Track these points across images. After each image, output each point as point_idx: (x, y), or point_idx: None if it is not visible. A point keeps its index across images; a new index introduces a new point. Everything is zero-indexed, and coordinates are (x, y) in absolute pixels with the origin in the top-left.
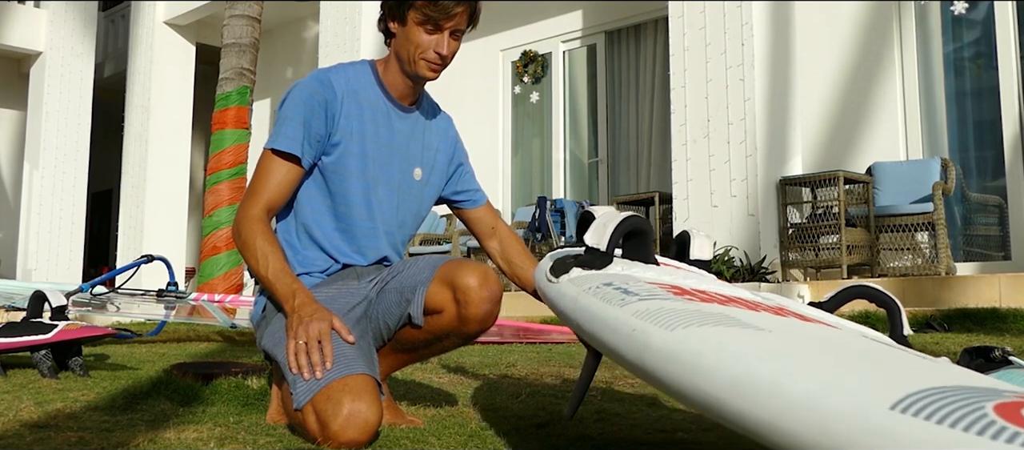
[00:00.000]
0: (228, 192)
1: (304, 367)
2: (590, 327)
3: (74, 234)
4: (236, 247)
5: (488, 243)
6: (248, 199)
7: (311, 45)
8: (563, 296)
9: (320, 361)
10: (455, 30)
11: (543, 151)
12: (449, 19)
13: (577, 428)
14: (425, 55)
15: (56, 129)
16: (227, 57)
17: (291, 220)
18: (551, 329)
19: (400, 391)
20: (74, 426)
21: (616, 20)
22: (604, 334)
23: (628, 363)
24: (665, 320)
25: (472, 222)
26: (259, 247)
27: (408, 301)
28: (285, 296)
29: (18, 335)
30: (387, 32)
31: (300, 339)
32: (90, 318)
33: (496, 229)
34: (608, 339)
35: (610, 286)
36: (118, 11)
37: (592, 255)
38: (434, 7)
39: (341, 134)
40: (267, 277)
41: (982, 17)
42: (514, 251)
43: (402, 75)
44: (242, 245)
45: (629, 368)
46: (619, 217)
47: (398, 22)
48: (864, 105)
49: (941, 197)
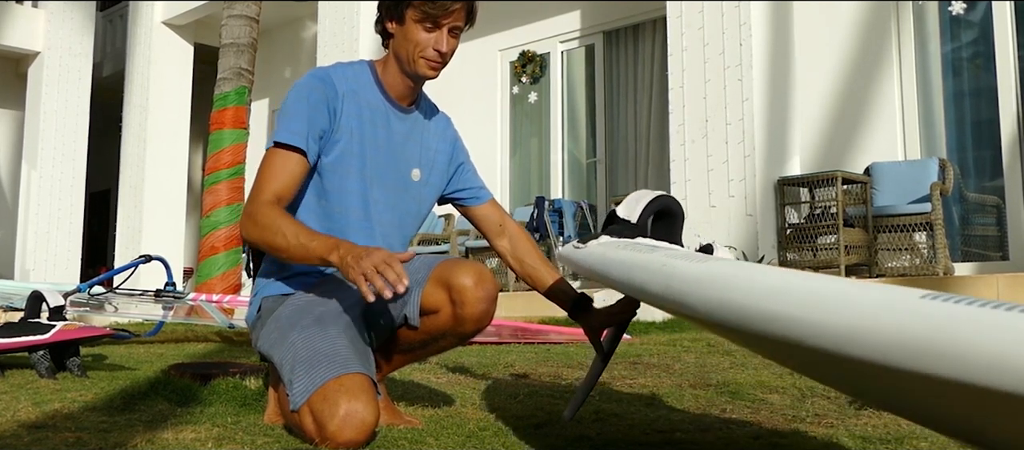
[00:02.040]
0: (226, 192)
1: (384, 289)
2: (617, 270)
3: (72, 234)
4: (251, 239)
5: (498, 242)
6: (255, 192)
7: (309, 45)
8: (591, 254)
9: (397, 278)
10: (453, 27)
11: (541, 151)
12: (447, 16)
13: (575, 428)
14: (425, 53)
15: (54, 129)
16: (225, 57)
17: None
18: (549, 329)
19: (398, 391)
20: (72, 426)
21: (614, 20)
22: (633, 273)
23: (654, 294)
24: (693, 258)
25: (479, 220)
26: (278, 223)
27: (404, 302)
28: (328, 250)
29: (16, 335)
30: (384, 33)
31: (366, 270)
32: (88, 318)
33: (505, 227)
34: (636, 276)
35: (638, 243)
36: (116, 11)
37: (622, 225)
38: (432, 4)
39: (341, 133)
40: (298, 245)
41: (980, 17)
42: (525, 250)
43: (401, 75)
44: (259, 229)
45: (655, 299)
46: (653, 194)
47: (396, 21)
48: (862, 105)
49: (939, 197)
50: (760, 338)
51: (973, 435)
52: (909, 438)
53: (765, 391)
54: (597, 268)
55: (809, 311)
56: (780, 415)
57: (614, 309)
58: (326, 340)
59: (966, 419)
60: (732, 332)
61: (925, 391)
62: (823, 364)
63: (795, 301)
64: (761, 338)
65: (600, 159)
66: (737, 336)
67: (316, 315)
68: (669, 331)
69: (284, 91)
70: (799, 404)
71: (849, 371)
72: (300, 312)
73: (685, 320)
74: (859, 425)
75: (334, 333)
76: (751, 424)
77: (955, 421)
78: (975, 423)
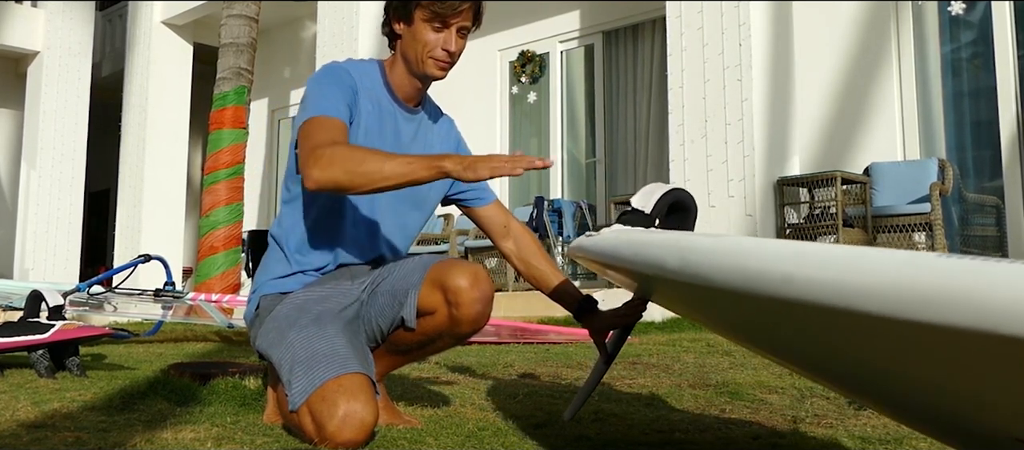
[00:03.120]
0: (225, 192)
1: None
2: (632, 250)
3: (71, 233)
4: (332, 178)
5: (503, 244)
6: (310, 147)
7: (309, 45)
8: (605, 240)
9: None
10: (462, 27)
11: (541, 151)
12: (456, 15)
13: (574, 428)
14: (433, 53)
15: (53, 129)
16: (225, 57)
17: (287, 218)
18: (548, 329)
19: (397, 391)
20: (71, 426)
21: (614, 20)
22: (648, 250)
23: (671, 270)
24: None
25: (483, 221)
26: (361, 152)
27: (400, 304)
28: (438, 159)
29: (15, 335)
30: (392, 34)
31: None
32: (87, 318)
33: (509, 228)
34: (652, 252)
35: (651, 232)
36: (115, 11)
37: (635, 215)
38: (441, 4)
39: (358, 128)
40: (398, 161)
41: (979, 17)
42: (530, 251)
43: (409, 77)
44: (341, 163)
45: (671, 274)
46: (668, 187)
47: (404, 22)
48: (862, 105)
49: (938, 197)
50: (773, 312)
51: (964, 423)
52: (909, 438)
53: (765, 391)
54: (610, 251)
55: (825, 270)
56: (780, 415)
57: (620, 311)
58: (324, 340)
59: (961, 397)
60: (744, 311)
61: (927, 360)
62: (827, 343)
63: (812, 262)
64: (775, 311)
65: (599, 159)
66: (747, 318)
67: (314, 314)
68: (669, 331)
69: (284, 91)
70: (799, 404)
71: (854, 351)
72: (298, 311)
73: (691, 314)
74: (859, 425)
75: (332, 332)
76: (751, 424)
77: (949, 405)
78: (970, 406)
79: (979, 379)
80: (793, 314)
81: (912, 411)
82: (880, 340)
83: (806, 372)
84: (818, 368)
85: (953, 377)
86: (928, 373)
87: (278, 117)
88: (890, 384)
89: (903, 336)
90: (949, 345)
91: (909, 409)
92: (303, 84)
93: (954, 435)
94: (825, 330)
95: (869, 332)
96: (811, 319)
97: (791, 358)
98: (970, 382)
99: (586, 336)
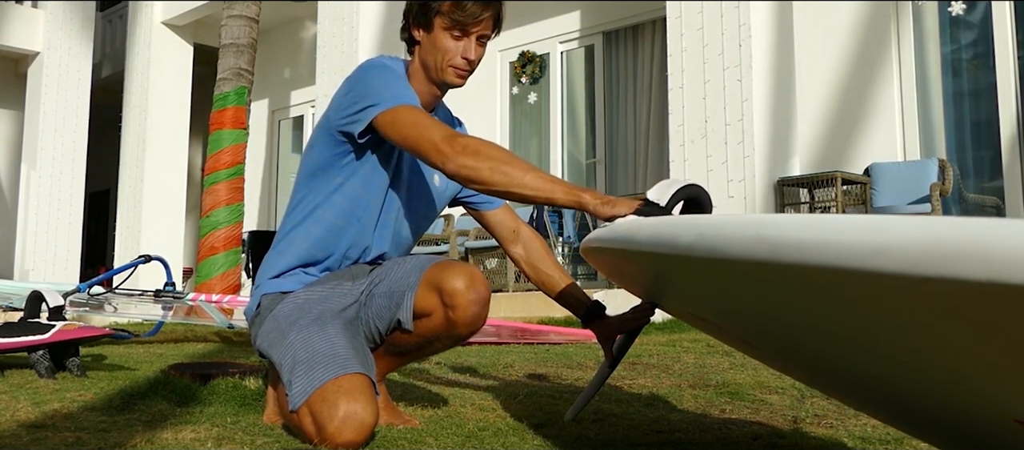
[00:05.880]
0: (226, 192)
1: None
2: (645, 232)
3: (71, 234)
4: (472, 171)
5: (512, 249)
6: (430, 136)
7: (309, 45)
8: (619, 228)
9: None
10: (482, 35)
11: (541, 151)
12: (477, 24)
13: (574, 429)
14: (453, 61)
15: (54, 129)
16: (225, 57)
17: (299, 211)
18: (549, 330)
19: (397, 391)
20: (71, 426)
21: (614, 21)
22: (661, 229)
23: (685, 245)
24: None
25: (492, 226)
26: (507, 155)
27: (397, 305)
28: (573, 192)
29: (15, 335)
30: (411, 40)
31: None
32: (87, 318)
33: (519, 233)
34: (665, 231)
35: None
36: (116, 11)
37: (650, 207)
38: (462, 12)
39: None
40: (544, 179)
41: (979, 18)
42: (539, 256)
43: (428, 83)
44: (487, 157)
45: (685, 250)
46: (685, 182)
47: (424, 29)
48: (862, 106)
49: (938, 198)
50: (785, 286)
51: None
52: (908, 438)
53: (765, 391)
54: (626, 236)
55: (840, 234)
56: (780, 415)
57: (627, 316)
58: (325, 340)
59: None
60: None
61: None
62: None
63: (827, 227)
64: (787, 285)
65: (599, 159)
66: (755, 306)
67: (315, 314)
68: (668, 331)
69: (284, 91)
70: (799, 404)
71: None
72: (299, 311)
73: (699, 314)
74: (859, 426)
75: (333, 333)
76: (751, 424)
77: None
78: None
79: (987, 351)
80: (801, 289)
81: (913, 410)
82: (886, 315)
83: (807, 373)
84: (821, 364)
85: (959, 353)
86: (932, 351)
87: (278, 118)
88: (895, 373)
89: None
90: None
91: (910, 408)
92: (303, 84)
93: (954, 433)
94: (835, 309)
95: (876, 304)
96: (820, 293)
97: (794, 356)
98: (978, 354)
99: (586, 337)
